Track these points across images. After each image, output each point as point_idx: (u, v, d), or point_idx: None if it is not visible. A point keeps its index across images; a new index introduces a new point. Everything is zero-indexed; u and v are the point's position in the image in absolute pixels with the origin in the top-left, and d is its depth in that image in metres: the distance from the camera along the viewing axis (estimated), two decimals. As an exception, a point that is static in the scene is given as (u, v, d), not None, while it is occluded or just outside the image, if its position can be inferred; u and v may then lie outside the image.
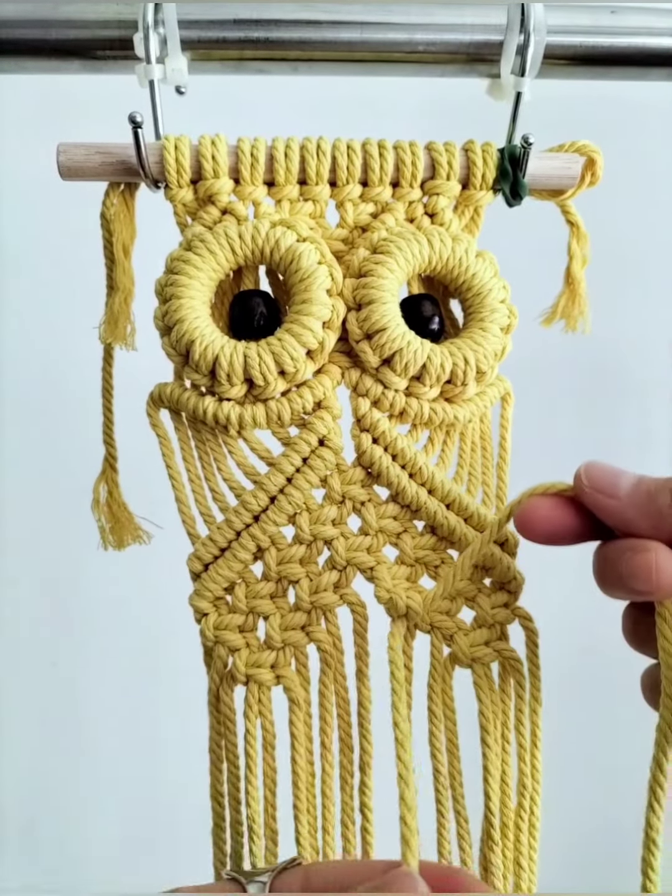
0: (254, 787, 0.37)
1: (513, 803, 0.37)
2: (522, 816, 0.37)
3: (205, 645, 0.38)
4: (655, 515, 0.30)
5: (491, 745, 0.36)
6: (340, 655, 0.38)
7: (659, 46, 0.40)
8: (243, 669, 0.37)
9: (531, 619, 0.38)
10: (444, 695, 0.37)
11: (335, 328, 0.37)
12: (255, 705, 0.37)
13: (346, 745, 0.38)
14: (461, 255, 0.38)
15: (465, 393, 0.38)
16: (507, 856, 0.37)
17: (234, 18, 0.38)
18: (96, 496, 0.40)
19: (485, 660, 0.36)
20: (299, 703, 0.37)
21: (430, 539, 0.38)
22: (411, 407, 0.37)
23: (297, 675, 0.37)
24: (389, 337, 0.36)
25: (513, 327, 0.39)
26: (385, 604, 0.36)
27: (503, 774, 0.37)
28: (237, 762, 0.38)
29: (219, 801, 0.39)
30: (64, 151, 0.38)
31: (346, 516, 0.38)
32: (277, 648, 0.37)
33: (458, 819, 0.37)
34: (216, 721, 0.38)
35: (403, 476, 0.37)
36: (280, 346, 0.36)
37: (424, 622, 0.36)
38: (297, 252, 0.37)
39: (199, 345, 0.36)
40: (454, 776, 0.37)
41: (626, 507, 0.30)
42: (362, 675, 0.37)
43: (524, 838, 0.37)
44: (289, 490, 0.37)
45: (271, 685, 0.37)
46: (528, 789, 0.37)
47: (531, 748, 0.37)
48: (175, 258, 0.37)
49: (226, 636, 0.37)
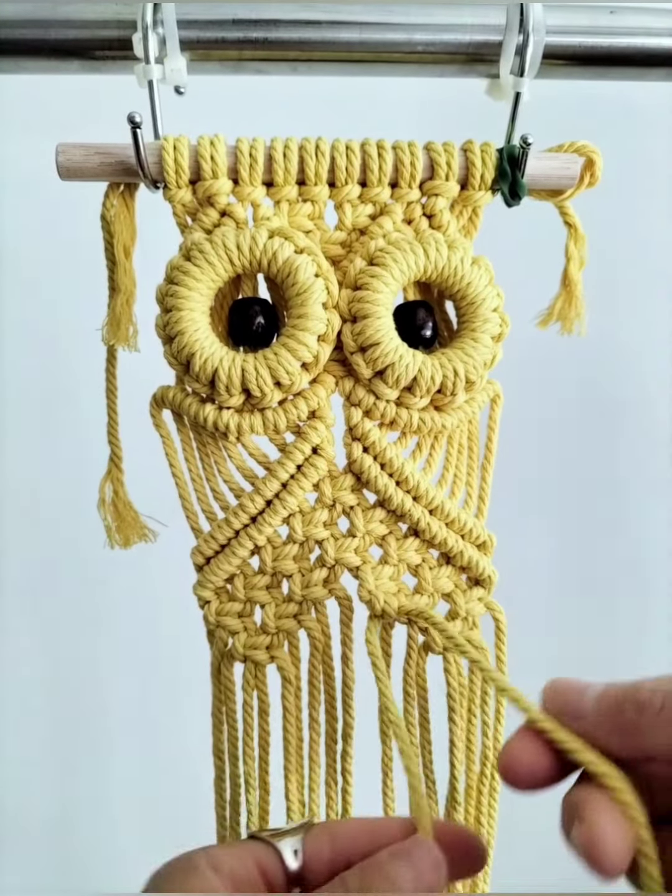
0: (250, 748, 0.42)
1: (476, 770, 0.42)
2: (483, 782, 0.42)
3: (207, 627, 0.42)
4: (624, 731, 0.26)
5: (457, 721, 0.41)
6: (328, 641, 0.41)
7: (658, 46, 0.39)
8: (242, 650, 0.41)
9: (501, 612, 0.42)
10: (417, 677, 0.41)
11: (330, 341, 0.39)
12: (252, 680, 0.41)
13: (331, 716, 0.42)
14: (456, 265, 0.39)
15: (454, 402, 0.40)
16: (470, 812, 0.42)
17: (233, 18, 0.38)
18: (102, 495, 0.42)
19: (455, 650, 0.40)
20: (291, 679, 0.41)
21: (414, 541, 0.41)
22: (401, 417, 0.39)
23: (289, 655, 0.41)
24: (382, 351, 0.38)
25: (504, 336, 0.40)
26: (365, 603, 0.39)
27: (469, 744, 0.42)
28: (236, 725, 0.43)
29: (220, 756, 0.44)
30: (63, 152, 0.38)
31: (335, 519, 0.40)
32: (272, 633, 0.41)
33: (427, 783, 0.42)
34: (218, 691, 0.43)
35: (391, 484, 0.40)
36: (276, 361, 0.37)
37: (400, 620, 0.39)
38: (294, 265, 0.38)
39: (199, 358, 0.37)
40: (424, 746, 0.42)
41: (593, 728, 0.27)
42: (347, 660, 0.41)
43: (485, 800, 0.42)
44: (283, 495, 0.40)
45: (266, 664, 0.41)
46: (489, 759, 0.42)
47: (495, 724, 0.42)
48: (175, 267, 0.38)
49: (226, 621, 0.41)
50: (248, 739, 0.42)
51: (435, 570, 0.41)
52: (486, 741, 0.42)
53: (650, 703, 0.26)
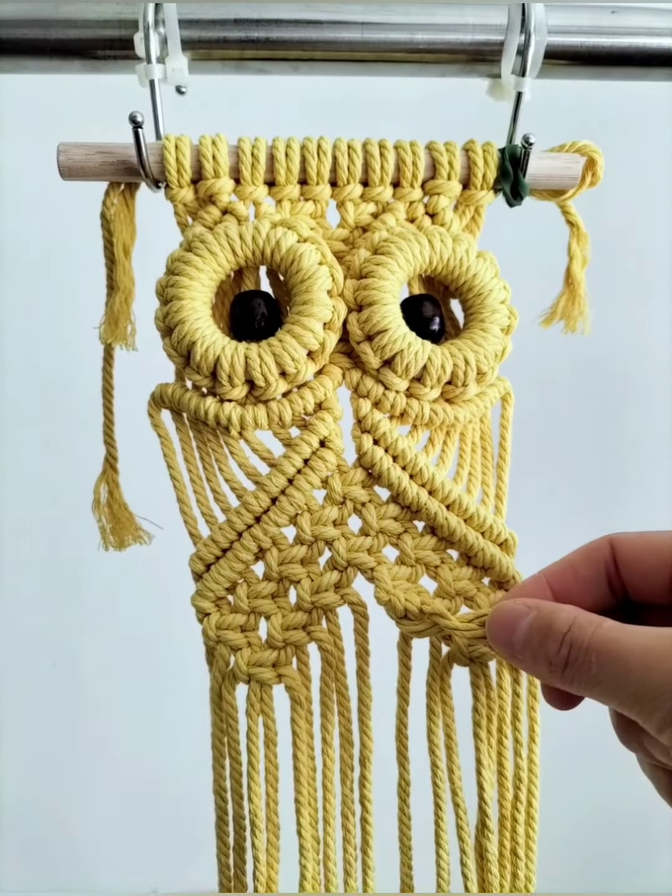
0: (256, 784, 0.38)
1: (510, 795, 0.38)
2: (519, 808, 0.38)
3: (206, 644, 0.38)
4: (545, 664, 0.29)
5: (484, 738, 0.37)
6: (341, 654, 0.38)
7: (659, 46, 0.40)
8: (245, 668, 0.37)
9: None
10: (442, 693, 0.38)
11: (336, 329, 0.37)
12: (258, 704, 0.38)
13: (347, 740, 0.38)
14: (462, 256, 0.38)
15: (465, 394, 0.38)
16: (505, 845, 0.38)
17: (234, 18, 0.38)
18: (97, 496, 0.40)
19: (482, 659, 0.37)
20: (301, 701, 0.38)
21: (431, 539, 0.38)
22: (412, 408, 0.38)
23: (298, 673, 0.38)
24: (390, 338, 0.36)
25: (513, 328, 0.39)
26: (384, 605, 0.36)
27: (500, 767, 0.38)
28: (239, 758, 0.39)
29: (222, 795, 0.39)
30: (64, 151, 0.38)
31: (346, 517, 0.38)
32: (279, 648, 0.37)
33: (456, 811, 0.37)
34: (219, 719, 0.39)
35: (404, 477, 0.37)
36: (281, 348, 0.36)
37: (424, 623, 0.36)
38: (297, 253, 0.37)
39: (201, 346, 0.36)
40: (452, 770, 0.37)
41: (520, 657, 0.30)
42: (363, 674, 0.38)
43: (521, 829, 0.38)
44: (290, 491, 0.37)
45: (273, 684, 0.38)
46: (524, 782, 0.38)
47: (528, 742, 0.38)
48: (176, 259, 0.38)
49: (228, 636, 0.37)
50: (253, 773, 0.38)
51: (455, 570, 0.38)
52: (519, 762, 0.38)
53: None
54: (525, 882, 0.38)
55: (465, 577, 0.38)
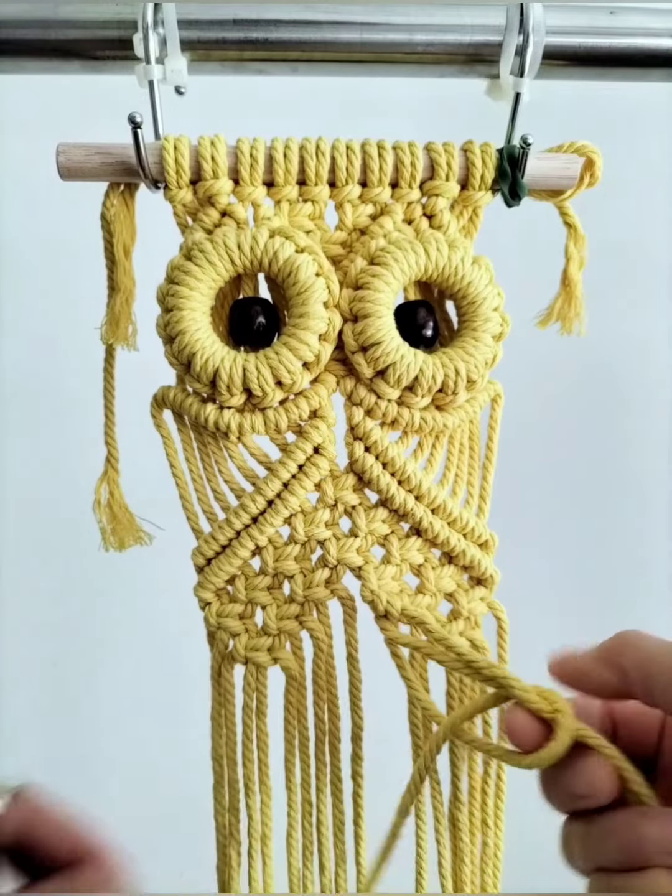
0: (249, 751, 0.42)
1: (480, 770, 0.42)
2: (488, 782, 0.42)
3: (208, 629, 0.41)
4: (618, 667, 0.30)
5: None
6: (331, 641, 0.41)
7: (658, 47, 0.40)
8: (243, 652, 0.40)
9: (503, 611, 0.42)
10: (420, 679, 0.41)
11: (331, 340, 0.39)
12: (253, 682, 0.41)
13: (335, 715, 0.42)
14: (457, 264, 0.39)
15: (455, 401, 0.40)
16: (475, 814, 0.42)
17: (233, 19, 0.38)
18: (98, 497, 0.42)
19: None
20: (295, 676, 0.41)
21: (416, 541, 0.41)
22: (403, 416, 0.39)
23: (292, 654, 0.41)
24: (384, 351, 0.38)
25: (505, 335, 0.40)
26: (368, 603, 0.39)
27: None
28: (234, 729, 0.42)
29: (219, 761, 0.43)
30: (63, 152, 0.38)
31: (337, 519, 0.40)
32: (273, 635, 0.41)
33: (431, 783, 0.41)
34: (217, 693, 0.42)
35: (393, 484, 0.39)
36: (277, 360, 0.37)
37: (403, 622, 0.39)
38: (295, 264, 0.38)
39: (200, 357, 0.37)
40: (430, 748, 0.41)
41: (598, 676, 0.30)
42: (353, 660, 0.41)
43: (490, 801, 0.42)
44: (285, 495, 0.39)
45: (268, 666, 0.41)
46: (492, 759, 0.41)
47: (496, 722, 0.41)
48: (175, 267, 0.38)
49: (227, 623, 0.41)
50: (247, 742, 0.42)
51: (437, 569, 0.41)
52: (488, 739, 0.41)
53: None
54: (494, 849, 0.42)
55: (446, 575, 0.41)
